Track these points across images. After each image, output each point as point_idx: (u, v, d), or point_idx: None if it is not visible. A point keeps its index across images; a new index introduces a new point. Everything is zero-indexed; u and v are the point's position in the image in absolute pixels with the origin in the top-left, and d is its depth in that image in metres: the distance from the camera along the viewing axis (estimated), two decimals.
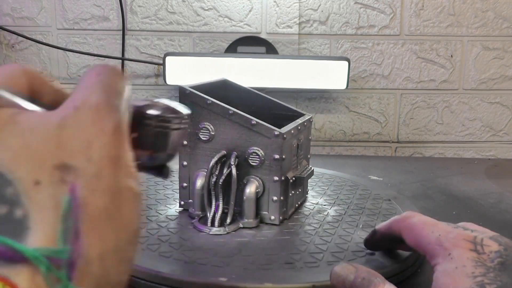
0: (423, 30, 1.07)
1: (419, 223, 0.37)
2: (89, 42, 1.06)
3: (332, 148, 1.12)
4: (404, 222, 0.38)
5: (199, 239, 0.48)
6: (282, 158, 0.51)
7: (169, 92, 1.08)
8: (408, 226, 0.37)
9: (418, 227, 0.36)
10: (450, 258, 0.31)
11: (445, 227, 0.35)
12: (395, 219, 0.40)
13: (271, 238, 0.49)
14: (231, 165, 0.51)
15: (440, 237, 0.34)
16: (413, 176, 0.80)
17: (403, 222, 0.38)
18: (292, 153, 0.54)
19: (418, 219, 0.37)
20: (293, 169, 0.55)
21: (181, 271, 0.42)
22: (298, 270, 0.43)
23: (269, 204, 0.52)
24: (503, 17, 1.07)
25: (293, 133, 0.54)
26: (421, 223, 0.36)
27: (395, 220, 0.40)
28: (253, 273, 0.42)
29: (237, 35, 1.05)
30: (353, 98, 1.10)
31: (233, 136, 0.52)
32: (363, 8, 1.06)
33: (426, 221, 0.37)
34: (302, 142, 0.57)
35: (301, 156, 0.58)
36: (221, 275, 0.40)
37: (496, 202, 0.68)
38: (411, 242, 0.37)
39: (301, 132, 0.57)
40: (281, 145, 0.50)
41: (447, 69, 1.09)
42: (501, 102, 1.12)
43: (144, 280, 0.41)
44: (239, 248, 0.46)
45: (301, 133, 0.57)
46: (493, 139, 1.14)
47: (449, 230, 0.34)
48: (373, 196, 0.62)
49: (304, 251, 0.46)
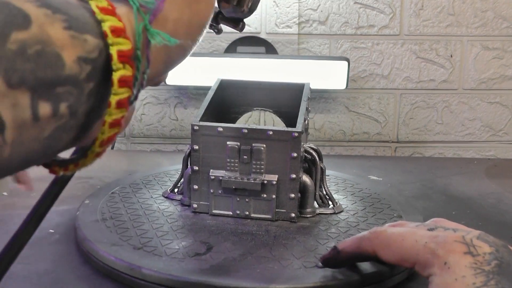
0: (422, 30, 1.07)
1: (396, 236, 0.34)
2: None
3: (332, 148, 1.12)
4: (378, 240, 0.36)
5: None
6: (194, 148, 0.53)
7: (169, 92, 1.08)
8: (383, 242, 0.35)
9: (397, 241, 0.34)
10: (447, 268, 0.30)
11: (425, 233, 0.33)
12: (364, 237, 0.37)
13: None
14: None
15: (428, 244, 0.32)
16: (413, 176, 0.80)
17: (376, 240, 0.36)
18: (221, 151, 0.52)
19: (391, 232, 0.35)
20: (230, 170, 0.52)
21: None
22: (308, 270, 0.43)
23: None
24: (502, 17, 1.07)
25: (220, 131, 0.52)
26: (398, 235, 0.34)
27: (364, 238, 0.37)
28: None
29: (237, 35, 1.05)
30: (353, 98, 1.10)
31: None
32: (362, 8, 1.06)
33: (401, 233, 0.34)
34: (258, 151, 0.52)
35: (257, 165, 0.52)
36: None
37: (496, 202, 0.68)
38: (392, 259, 0.34)
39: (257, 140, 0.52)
40: (191, 134, 0.53)
41: (447, 69, 1.09)
42: (500, 102, 1.12)
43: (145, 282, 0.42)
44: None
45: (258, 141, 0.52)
46: (492, 139, 1.14)
47: (433, 234, 0.32)
48: (372, 196, 0.62)
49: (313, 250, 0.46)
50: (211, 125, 0.52)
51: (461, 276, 0.29)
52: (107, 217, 0.52)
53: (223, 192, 0.53)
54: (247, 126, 0.52)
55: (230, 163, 0.52)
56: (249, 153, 0.52)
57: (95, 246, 0.46)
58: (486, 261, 0.30)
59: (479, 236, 0.31)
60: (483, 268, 0.29)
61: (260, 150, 0.51)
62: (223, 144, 0.52)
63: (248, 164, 0.52)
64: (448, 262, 0.30)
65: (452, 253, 0.30)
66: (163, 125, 1.10)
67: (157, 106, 1.09)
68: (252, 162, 0.52)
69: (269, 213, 0.53)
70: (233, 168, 0.52)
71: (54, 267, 0.46)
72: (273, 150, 0.51)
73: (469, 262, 0.30)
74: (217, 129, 0.52)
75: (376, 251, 0.36)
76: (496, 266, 0.29)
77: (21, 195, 0.65)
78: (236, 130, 0.52)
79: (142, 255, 0.44)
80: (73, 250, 0.49)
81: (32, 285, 0.43)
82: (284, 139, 0.51)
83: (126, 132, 1.11)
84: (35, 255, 0.48)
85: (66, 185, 0.31)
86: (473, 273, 0.29)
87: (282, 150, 0.51)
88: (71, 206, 0.60)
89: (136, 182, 0.64)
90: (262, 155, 0.51)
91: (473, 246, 0.30)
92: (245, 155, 0.52)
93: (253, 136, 0.51)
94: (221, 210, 0.54)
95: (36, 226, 0.30)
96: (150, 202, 0.57)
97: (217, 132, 0.52)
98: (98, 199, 0.57)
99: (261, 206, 0.53)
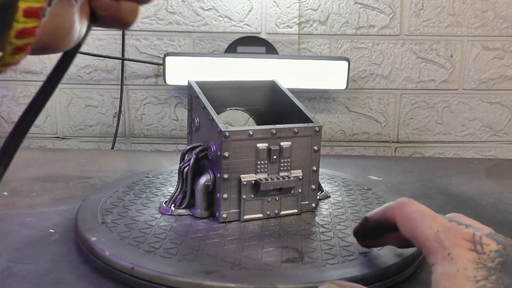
0: (423, 30, 1.07)
1: (417, 214, 0.35)
2: (89, 42, 1.06)
3: (332, 148, 1.12)
4: (401, 210, 0.36)
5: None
6: (224, 156, 0.51)
7: (169, 92, 1.08)
8: (404, 215, 0.36)
9: (415, 219, 0.35)
10: (450, 258, 0.30)
11: (443, 221, 0.33)
12: (390, 206, 0.38)
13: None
14: (192, 155, 0.54)
15: (439, 233, 0.32)
16: (413, 176, 0.80)
17: (399, 210, 0.36)
18: (250, 155, 0.52)
19: (415, 209, 0.35)
20: (260, 172, 0.53)
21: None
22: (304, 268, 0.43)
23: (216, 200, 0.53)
24: (503, 17, 1.07)
25: (251, 135, 0.52)
26: (419, 214, 0.35)
27: (389, 207, 0.38)
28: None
29: (237, 35, 1.05)
30: (353, 98, 1.10)
31: (204, 130, 0.56)
32: (363, 8, 1.06)
33: (424, 213, 0.35)
34: (287, 149, 0.54)
35: (285, 163, 0.54)
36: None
37: (496, 202, 0.68)
38: (406, 233, 0.35)
39: (284, 138, 0.54)
40: (221, 142, 0.51)
41: (447, 69, 1.09)
42: (501, 102, 1.12)
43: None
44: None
45: (285, 139, 0.54)
46: (493, 139, 1.14)
47: (447, 226, 0.33)
48: (372, 196, 0.62)
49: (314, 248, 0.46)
50: (242, 130, 0.52)
51: (462, 268, 0.29)
52: (107, 217, 0.52)
53: (255, 196, 0.53)
54: (275, 127, 0.53)
55: (260, 165, 0.53)
56: (278, 153, 0.53)
57: (95, 246, 0.46)
58: (490, 258, 0.30)
59: (489, 234, 0.32)
60: (486, 264, 0.29)
61: (287, 148, 0.53)
62: (253, 147, 0.52)
63: (276, 164, 0.53)
64: (451, 254, 0.31)
65: (458, 246, 0.31)
66: (163, 125, 1.10)
67: (157, 106, 1.09)
68: (280, 160, 0.53)
69: (296, 208, 0.55)
70: (263, 170, 0.53)
71: (54, 267, 0.46)
72: (297, 146, 0.54)
73: (472, 257, 0.30)
74: (248, 132, 0.52)
75: (397, 221, 0.36)
76: (500, 264, 0.29)
77: (21, 195, 0.65)
78: (265, 132, 0.53)
79: (142, 255, 0.44)
80: (73, 250, 0.49)
81: (32, 285, 0.43)
82: (308, 134, 0.54)
83: (126, 132, 1.11)
84: (35, 255, 0.48)
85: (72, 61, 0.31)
86: (475, 267, 0.29)
87: (305, 145, 0.54)
88: (71, 206, 0.60)
89: (136, 182, 0.64)
90: (289, 153, 0.54)
91: (481, 244, 0.31)
92: (274, 155, 0.53)
93: (281, 135, 0.53)
94: (251, 214, 0.54)
95: (46, 100, 0.30)
96: (150, 202, 0.57)
97: (247, 135, 0.52)
98: (98, 199, 0.57)
99: (289, 202, 0.55)
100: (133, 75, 1.08)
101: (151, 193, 0.60)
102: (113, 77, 1.08)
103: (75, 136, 1.11)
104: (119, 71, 1.07)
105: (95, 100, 1.09)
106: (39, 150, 1.02)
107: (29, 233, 0.53)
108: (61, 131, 1.11)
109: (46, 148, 1.10)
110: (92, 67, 1.07)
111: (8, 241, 0.51)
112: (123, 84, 1.08)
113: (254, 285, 0.40)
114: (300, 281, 0.41)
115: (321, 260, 0.44)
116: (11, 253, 0.48)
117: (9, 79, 1.07)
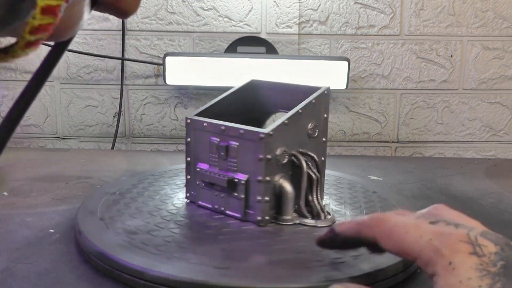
0: (423, 30, 1.07)
1: (399, 228, 0.33)
2: (89, 42, 1.06)
3: (332, 148, 1.12)
4: (379, 228, 0.34)
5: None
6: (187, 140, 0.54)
7: (169, 92, 1.08)
8: (386, 232, 0.34)
9: (398, 232, 0.33)
10: (451, 268, 0.29)
11: (429, 227, 0.32)
12: (364, 223, 0.36)
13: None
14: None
15: (432, 241, 0.31)
16: (413, 176, 0.80)
17: (377, 228, 0.34)
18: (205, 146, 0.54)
19: (394, 222, 0.34)
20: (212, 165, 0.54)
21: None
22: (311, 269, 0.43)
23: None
24: (503, 17, 1.07)
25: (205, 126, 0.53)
26: (401, 227, 0.33)
27: (365, 225, 0.36)
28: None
29: (237, 35, 1.05)
30: (353, 98, 1.10)
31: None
32: (363, 8, 1.06)
33: (405, 224, 0.33)
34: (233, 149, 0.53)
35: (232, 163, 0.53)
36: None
37: (496, 202, 0.68)
38: (393, 249, 0.33)
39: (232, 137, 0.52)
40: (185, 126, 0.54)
41: (447, 69, 1.09)
42: (501, 102, 1.12)
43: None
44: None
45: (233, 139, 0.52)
46: (493, 139, 1.14)
47: (437, 231, 0.32)
48: (372, 196, 0.62)
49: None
50: (198, 120, 0.55)
51: (466, 278, 0.28)
52: (107, 217, 0.52)
53: (205, 185, 0.55)
54: (224, 123, 0.53)
55: (212, 158, 0.54)
56: (225, 150, 0.53)
57: (95, 246, 0.46)
58: (492, 262, 0.29)
59: (482, 233, 0.31)
60: (488, 269, 0.29)
61: (234, 148, 0.52)
62: (208, 139, 0.54)
63: (226, 161, 0.53)
64: (453, 263, 0.29)
65: (457, 253, 0.30)
66: (163, 125, 1.10)
67: (157, 106, 1.09)
68: (228, 159, 0.53)
69: (239, 212, 0.53)
70: (215, 163, 0.54)
71: (54, 267, 0.46)
72: (245, 150, 0.52)
73: (474, 263, 0.29)
74: (203, 123, 0.54)
75: (377, 239, 0.35)
76: (502, 267, 0.29)
77: (21, 195, 0.65)
78: (216, 127, 0.54)
79: (142, 254, 0.44)
80: (73, 250, 0.49)
81: (32, 285, 0.43)
82: (252, 139, 0.51)
83: (126, 132, 1.11)
84: (35, 255, 0.48)
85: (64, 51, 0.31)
86: (479, 275, 0.28)
87: (252, 150, 0.51)
88: (71, 206, 0.60)
89: (136, 182, 0.64)
90: (235, 153, 0.52)
91: (479, 245, 0.30)
92: (222, 152, 0.53)
93: (229, 134, 0.53)
94: (205, 202, 0.56)
95: (38, 90, 0.30)
96: (150, 202, 0.57)
97: (202, 126, 0.54)
98: (98, 198, 0.57)
99: (234, 204, 0.53)
100: (133, 75, 1.08)
101: (151, 193, 0.60)
102: (113, 77, 1.08)
103: (75, 136, 1.11)
104: (119, 71, 1.07)
105: (95, 100, 1.09)
106: (39, 150, 1.02)
107: (29, 233, 0.53)
108: (61, 131, 1.11)
109: (46, 148, 1.10)
110: (92, 67, 1.07)
111: (8, 241, 0.51)
112: (123, 84, 1.08)
113: (254, 285, 0.40)
114: (305, 280, 0.41)
115: (329, 259, 0.44)
116: (11, 253, 0.48)
117: (9, 79, 1.07)
